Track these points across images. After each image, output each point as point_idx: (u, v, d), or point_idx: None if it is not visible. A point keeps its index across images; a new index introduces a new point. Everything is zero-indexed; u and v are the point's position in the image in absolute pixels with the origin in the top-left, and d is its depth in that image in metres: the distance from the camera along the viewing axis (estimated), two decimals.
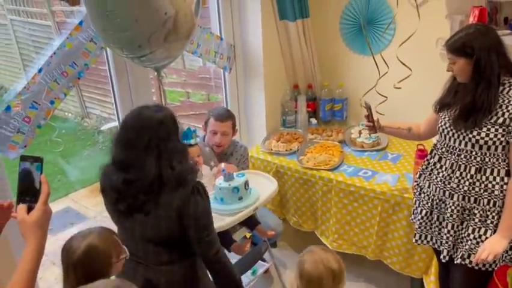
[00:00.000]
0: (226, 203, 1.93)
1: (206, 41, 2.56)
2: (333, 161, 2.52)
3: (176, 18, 1.33)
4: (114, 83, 2.26)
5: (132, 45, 1.40)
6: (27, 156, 1.08)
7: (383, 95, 2.55)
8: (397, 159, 2.54)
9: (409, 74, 2.43)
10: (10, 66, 7.02)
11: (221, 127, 2.32)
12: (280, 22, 2.77)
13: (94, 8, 1.33)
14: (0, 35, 6.94)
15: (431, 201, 1.81)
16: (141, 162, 1.47)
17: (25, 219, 1.02)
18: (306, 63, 2.93)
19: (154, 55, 1.44)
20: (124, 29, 1.33)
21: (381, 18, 2.68)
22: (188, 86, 4.64)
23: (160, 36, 1.34)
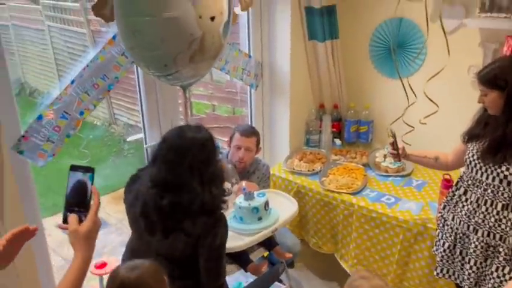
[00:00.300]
0: (245, 222, 1.93)
1: (234, 58, 2.59)
2: (356, 184, 2.48)
3: (202, 40, 1.35)
4: (142, 94, 2.31)
5: (158, 64, 1.43)
6: (78, 166, 1.07)
7: (410, 125, 2.49)
8: (422, 186, 2.49)
9: (436, 110, 2.38)
10: (45, 71, 7.27)
11: (245, 142, 2.33)
12: (309, 42, 2.78)
13: (122, 27, 1.37)
14: (38, 40, 7.20)
15: (454, 234, 1.76)
16: (189, 186, 1.46)
17: (77, 230, 1.01)
18: (333, 84, 2.92)
19: (180, 74, 1.46)
20: (150, 49, 1.36)
21: (412, 42, 2.65)
22: (214, 98, 4.69)
23: (186, 56, 1.36)
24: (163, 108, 2.35)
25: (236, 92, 4.15)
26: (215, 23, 1.37)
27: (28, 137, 1.85)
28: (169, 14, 1.26)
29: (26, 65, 7.76)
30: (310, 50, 2.81)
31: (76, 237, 1.01)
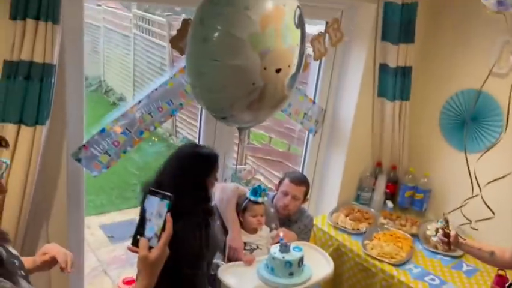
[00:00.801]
0: (275, 274, 1.87)
1: (298, 102, 2.58)
2: (400, 255, 2.34)
3: (264, 90, 1.34)
4: (202, 122, 2.36)
5: (215, 106, 1.44)
6: (157, 191, 1.07)
7: (468, 217, 2.30)
8: (472, 273, 2.30)
9: (491, 216, 2.17)
10: (123, 74, 7.71)
11: (294, 190, 2.28)
12: (378, 98, 2.71)
13: (190, 66, 1.40)
14: (122, 45, 7.68)
15: None
16: None
17: (148, 257, 1.01)
18: (395, 144, 2.82)
19: (236, 118, 1.46)
20: (211, 91, 1.37)
21: (488, 118, 2.50)
22: (272, 131, 4.71)
23: (244, 103, 1.36)
24: (219, 137, 2.38)
25: (294, 130, 4.14)
26: (280, 75, 1.35)
27: (88, 147, 1.93)
28: (234, 61, 1.27)
29: (108, 66, 8.28)
30: (377, 106, 2.74)
31: (144, 263, 1.01)
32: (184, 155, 1.83)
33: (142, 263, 1.01)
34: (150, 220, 1.05)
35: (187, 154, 1.84)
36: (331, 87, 2.75)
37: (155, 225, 1.04)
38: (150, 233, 1.04)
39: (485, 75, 2.46)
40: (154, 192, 1.07)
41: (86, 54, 6.68)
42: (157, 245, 1.02)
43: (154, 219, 1.05)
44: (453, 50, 2.63)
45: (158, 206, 1.06)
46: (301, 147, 3.04)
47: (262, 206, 2.12)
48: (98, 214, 4.16)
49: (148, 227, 1.05)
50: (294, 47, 1.43)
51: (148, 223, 1.05)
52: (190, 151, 1.87)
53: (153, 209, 1.05)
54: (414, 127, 2.82)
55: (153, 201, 1.06)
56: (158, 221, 1.04)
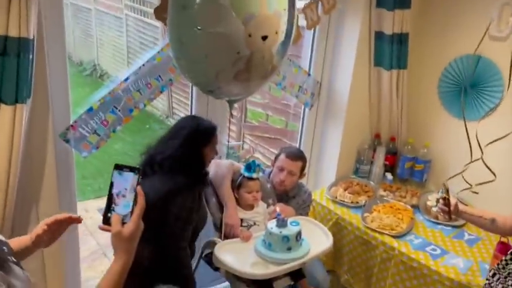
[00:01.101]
0: (273, 250, 1.84)
1: (293, 74, 2.51)
2: (401, 227, 2.31)
3: (250, 59, 1.27)
4: (194, 96, 2.29)
5: (200, 78, 1.38)
6: (123, 165, 1.02)
7: (469, 182, 2.25)
8: (474, 242, 2.26)
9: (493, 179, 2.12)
10: (117, 56, 7.59)
11: (290, 165, 2.23)
12: (374, 68, 2.63)
13: (171, 36, 1.33)
14: (115, 27, 7.54)
15: None
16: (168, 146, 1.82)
17: (121, 233, 0.96)
18: (393, 115, 2.75)
19: (223, 91, 1.40)
20: (193, 62, 1.31)
21: (488, 84, 2.42)
22: (269, 108, 4.64)
23: (230, 74, 1.29)
24: (212, 114, 2.31)
25: (291, 106, 4.07)
26: (267, 42, 1.28)
27: (76, 127, 1.87)
28: (216, 29, 1.19)
29: (102, 49, 8.15)
30: (374, 77, 2.66)
31: (118, 239, 0.97)
32: (183, 126, 1.86)
33: (116, 239, 0.96)
34: (124, 196, 0.99)
35: (185, 125, 1.86)
36: (326, 59, 2.67)
37: (128, 201, 0.99)
38: (123, 209, 0.99)
39: (485, 39, 2.39)
40: (121, 167, 1.01)
41: (79, 38, 6.54)
42: (131, 219, 0.97)
43: (127, 194, 0.99)
44: (451, 14, 2.54)
45: (128, 181, 1.00)
46: (298, 123, 2.97)
47: (257, 181, 2.08)
48: (97, 198, 4.14)
49: (120, 203, 0.99)
50: (280, 12, 1.35)
51: (120, 199, 0.99)
52: (189, 122, 1.88)
53: (123, 184, 1.00)
54: (413, 96, 2.75)
55: (121, 176, 1.00)
56: (130, 196, 0.99)
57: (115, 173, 1.00)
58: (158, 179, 1.76)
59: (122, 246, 0.96)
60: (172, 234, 1.74)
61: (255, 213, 2.10)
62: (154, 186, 1.73)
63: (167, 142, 1.84)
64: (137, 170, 1.00)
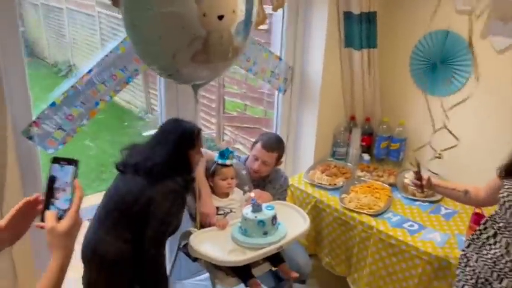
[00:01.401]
0: (249, 235, 1.82)
1: (264, 60, 2.48)
2: (378, 205, 2.31)
3: (207, 40, 1.24)
4: (162, 90, 2.25)
5: (157, 61, 1.34)
6: (61, 158, 0.97)
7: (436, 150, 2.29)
8: (451, 216, 2.28)
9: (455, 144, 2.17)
10: (91, 55, 7.45)
11: (264, 156, 2.19)
12: (345, 49, 2.62)
13: (125, 20, 1.29)
14: (88, 25, 7.39)
15: (476, 278, 1.56)
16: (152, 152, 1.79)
17: (55, 228, 0.91)
18: (366, 96, 2.75)
19: (182, 74, 1.37)
20: (148, 44, 1.27)
21: (458, 59, 2.43)
22: (247, 98, 4.60)
23: (186, 55, 1.26)
24: (183, 105, 2.27)
25: (268, 94, 4.04)
26: (224, 22, 1.25)
27: (39, 123, 1.82)
28: (167, 8, 1.16)
29: (76, 48, 8.00)
30: (345, 58, 2.65)
31: (53, 235, 0.91)
32: (167, 131, 1.83)
33: (51, 236, 0.91)
34: (64, 190, 0.95)
35: (170, 129, 1.83)
36: (296, 43, 2.65)
37: (68, 195, 0.95)
38: (63, 203, 0.94)
39: (452, 14, 2.40)
40: (59, 160, 0.96)
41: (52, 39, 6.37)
42: (67, 214, 0.93)
43: (66, 188, 0.95)
44: None
45: (67, 174, 0.96)
46: (273, 110, 2.95)
47: (231, 168, 2.06)
48: None
49: (60, 197, 0.95)
50: None
51: (60, 193, 0.95)
52: (173, 126, 1.85)
53: (63, 178, 0.95)
54: (385, 76, 2.75)
55: (61, 170, 0.96)
56: (69, 190, 0.95)
57: (53, 167, 0.96)
58: (144, 180, 1.72)
59: (57, 243, 0.91)
60: (154, 239, 1.72)
61: (231, 201, 2.08)
62: (138, 185, 1.71)
63: (154, 148, 1.79)
64: (75, 163, 0.96)
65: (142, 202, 1.69)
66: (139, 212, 1.69)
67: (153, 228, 1.69)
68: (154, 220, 1.69)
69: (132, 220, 1.72)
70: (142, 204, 1.69)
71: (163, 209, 1.70)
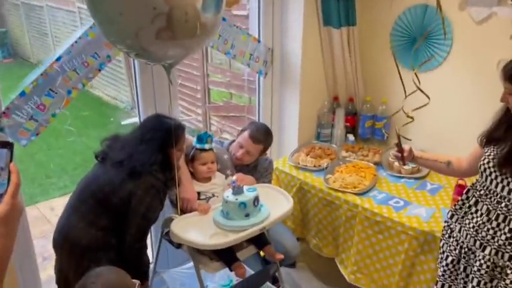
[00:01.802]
0: (231, 218, 1.78)
1: (242, 42, 2.43)
2: (363, 184, 2.29)
3: (170, 16, 1.19)
4: (137, 75, 2.19)
5: (121, 39, 1.29)
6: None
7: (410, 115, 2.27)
8: (436, 191, 2.26)
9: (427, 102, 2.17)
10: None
11: (249, 146, 2.14)
12: (324, 28, 2.58)
13: (87, 1, 1.24)
14: (69, 22, 7.28)
15: (459, 248, 1.55)
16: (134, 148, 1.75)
17: None
18: (348, 75, 2.71)
19: (149, 53, 1.32)
20: (110, 22, 1.22)
21: (437, 33, 2.40)
22: (232, 86, 4.55)
23: (150, 33, 1.21)
24: (159, 90, 2.22)
25: (252, 81, 3.99)
26: None
27: (9, 114, 1.76)
28: None
29: (58, 46, 7.86)
30: (325, 37, 2.61)
31: None
32: (148, 128, 1.80)
33: None
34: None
35: (151, 127, 1.80)
36: (274, 24, 2.60)
37: (3, 179, 0.90)
38: (0, 189, 0.90)
39: None
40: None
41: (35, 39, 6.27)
42: (3, 200, 0.88)
43: (1, 172, 0.90)
44: None
45: (1, 158, 0.91)
46: (255, 95, 2.91)
47: (210, 152, 2.01)
48: (62, 195, 4.01)
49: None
50: None
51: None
52: (154, 123, 1.82)
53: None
54: (366, 54, 2.72)
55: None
56: (4, 174, 0.90)
57: None
58: (125, 173, 1.71)
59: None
60: (137, 235, 1.72)
61: (213, 185, 2.04)
62: (118, 177, 1.70)
63: (137, 146, 1.75)
64: (9, 146, 0.91)
65: (122, 195, 1.69)
66: (118, 204, 1.70)
67: (135, 225, 1.71)
68: (135, 216, 1.70)
69: (109, 210, 1.71)
70: (121, 197, 1.69)
71: (144, 204, 1.70)
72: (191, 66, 4.72)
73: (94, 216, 1.70)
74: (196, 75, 4.67)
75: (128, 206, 1.69)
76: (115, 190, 1.70)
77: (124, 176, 1.70)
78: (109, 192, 1.70)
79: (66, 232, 1.72)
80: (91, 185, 1.76)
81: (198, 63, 4.61)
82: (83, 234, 1.69)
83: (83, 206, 1.72)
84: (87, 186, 1.76)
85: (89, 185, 1.76)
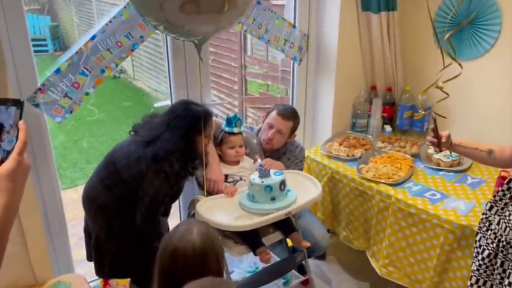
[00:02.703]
0: (256, 201, 1.75)
1: (276, 27, 2.38)
2: (398, 175, 2.18)
3: None
4: (170, 59, 2.20)
5: (148, 11, 1.29)
6: (7, 98, 0.93)
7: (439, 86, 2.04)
8: (478, 185, 2.12)
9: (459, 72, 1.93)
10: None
11: (279, 124, 2.11)
12: (362, 13, 2.48)
13: None
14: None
15: (497, 241, 1.43)
16: None
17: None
18: (387, 63, 2.60)
19: (175, 27, 1.30)
20: None
21: (485, 18, 2.25)
22: (269, 78, 4.51)
23: (174, 5, 1.20)
24: (191, 74, 2.21)
25: (287, 71, 3.93)
26: None
27: (45, 90, 1.82)
28: None
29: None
30: (363, 23, 2.51)
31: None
32: (176, 114, 1.80)
33: None
34: (8, 132, 0.91)
35: (179, 113, 1.80)
36: (311, 9, 2.53)
37: (12, 136, 0.90)
38: (8, 145, 0.90)
39: None
40: (5, 101, 0.92)
41: (83, 32, 6.47)
42: (10, 157, 0.87)
43: (10, 130, 0.91)
44: None
45: (11, 115, 0.92)
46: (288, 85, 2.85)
47: (239, 136, 1.99)
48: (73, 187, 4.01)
49: (5, 139, 0.90)
50: None
51: (5, 135, 0.91)
52: (182, 109, 1.82)
53: (7, 120, 0.92)
54: (407, 41, 2.59)
55: (6, 111, 0.92)
56: (14, 131, 0.91)
57: (0, 108, 0.92)
58: (144, 152, 1.74)
59: None
60: (147, 216, 1.76)
61: (241, 168, 2.02)
62: (136, 154, 1.75)
63: (163, 133, 1.76)
64: (20, 104, 0.92)
65: (133, 172, 1.75)
66: (128, 179, 1.76)
67: (145, 204, 1.74)
68: (145, 196, 1.74)
69: (123, 181, 1.77)
70: (132, 173, 1.75)
71: (153, 187, 1.72)
72: (229, 57, 4.73)
73: (111, 182, 1.78)
74: (234, 66, 4.67)
75: (139, 184, 1.74)
76: (129, 165, 1.76)
77: (140, 155, 1.74)
78: (123, 165, 1.77)
79: (87, 190, 1.84)
80: (115, 153, 1.84)
81: (236, 54, 4.61)
82: (98, 194, 1.79)
83: (104, 170, 1.81)
84: (113, 153, 1.85)
85: (114, 152, 1.85)
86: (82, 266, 2.27)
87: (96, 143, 5.13)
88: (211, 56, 3.79)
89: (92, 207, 1.81)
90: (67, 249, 2.14)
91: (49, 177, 1.98)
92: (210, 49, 2.77)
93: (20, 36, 1.73)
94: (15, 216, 0.87)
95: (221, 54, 4.78)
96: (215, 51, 4.70)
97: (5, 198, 0.85)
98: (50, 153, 1.97)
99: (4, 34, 1.67)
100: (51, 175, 2.00)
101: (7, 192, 0.85)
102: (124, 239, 1.81)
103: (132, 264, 1.84)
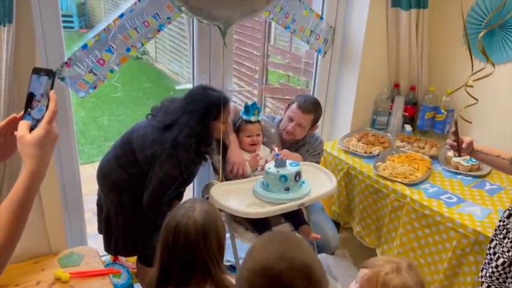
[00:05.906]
0: (270, 190, 1.76)
1: (303, 17, 2.37)
2: (415, 175, 2.16)
3: None
4: (195, 41, 2.20)
5: None
6: (41, 68, 0.96)
7: (469, 84, 1.98)
8: (496, 191, 2.09)
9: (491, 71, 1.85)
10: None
11: (300, 117, 2.08)
12: (392, 9, 2.44)
13: None
14: None
15: None
16: None
17: (24, 137, 0.88)
18: (412, 61, 2.56)
19: (198, 9, 1.30)
20: None
21: None
22: (290, 69, 4.49)
23: None
24: (215, 59, 2.21)
25: (310, 63, 3.90)
26: None
27: (71, 64, 1.84)
28: None
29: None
30: (391, 19, 2.47)
31: (22, 144, 0.88)
32: (193, 99, 1.82)
33: (20, 144, 0.88)
34: (39, 101, 0.93)
35: (196, 98, 1.82)
36: (339, 1, 2.50)
37: (42, 105, 0.92)
38: (38, 113, 0.92)
39: None
40: (38, 71, 0.94)
41: (109, 11, 6.50)
42: (40, 125, 0.89)
43: (41, 99, 0.93)
44: None
45: (42, 85, 0.93)
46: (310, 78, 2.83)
47: (257, 125, 1.99)
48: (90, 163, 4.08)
49: (36, 107, 0.93)
50: None
51: (36, 104, 0.93)
52: (200, 95, 1.83)
53: (39, 89, 0.93)
54: (435, 40, 2.55)
55: (38, 80, 0.93)
56: (44, 101, 0.93)
57: (33, 77, 0.94)
58: (160, 135, 1.76)
59: (26, 152, 0.87)
60: (152, 197, 1.77)
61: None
62: (152, 136, 1.77)
63: (180, 118, 1.77)
64: (52, 74, 0.93)
65: (146, 154, 1.77)
66: (142, 160, 1.79)
67: (152, 186, 1.76)
68: (154, 178, 1.75)
69: (137, 162, 1.80)
70: (145, 155, 1.77)
71: (163, 170, 1.73)
72: (252, 45, 4.72)
73: (126, 161, 1.81)
74: (256, 55, 4.66)
75: (151, 166, 1.75)
76: (144, 147, 1.78)
77: (155, 137, 1.76)
78: (139, 146, 1.80)
79: (103, 165, 1.88)
80: (133, 133, 1.86)
81: (259, 43, 4.59)
82: (113, 171, 1.83)
83: (121, 149, 1.84)
84: (130, 133, 1.87)
85: (132, 132, 1.87)
86: (94, 240, 2.32)
87: (115, 121, 5.19)
88: (234, 43, 3.78)
89: (106, 182, 1.85)
90: (81, 223, 2.18)
91: (69, 151, 2.01)
92: (234, 36, 2.77)
93: (51, 10, 1.76)
94: (40, 183, 0.89)
95: (244, 42, 4.77)
96: (238, 39, 4.69)
97: (33, 165, 0.87)
98: (72, 127, 2.00)
99: (36, 7, 1.69)
100: (72, 149, 2.03)
101: (35, 159, 0.87)
102: (132, 216, 1.83)
103: (136, 242, 1.86)
